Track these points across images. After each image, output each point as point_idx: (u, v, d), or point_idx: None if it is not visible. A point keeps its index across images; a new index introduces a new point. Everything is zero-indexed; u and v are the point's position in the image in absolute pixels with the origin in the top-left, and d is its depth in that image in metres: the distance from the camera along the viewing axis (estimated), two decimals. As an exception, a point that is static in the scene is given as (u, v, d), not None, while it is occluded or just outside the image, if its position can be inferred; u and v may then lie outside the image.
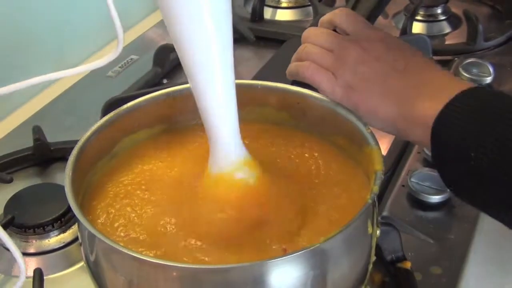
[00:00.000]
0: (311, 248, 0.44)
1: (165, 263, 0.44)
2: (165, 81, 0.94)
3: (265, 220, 0.51)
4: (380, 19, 1.08)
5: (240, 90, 0.53)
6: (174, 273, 0.45)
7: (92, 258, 0.50)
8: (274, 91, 0.62)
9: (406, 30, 0.98)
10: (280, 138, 0.61)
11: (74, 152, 0.54)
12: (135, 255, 0.45)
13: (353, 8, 0.69)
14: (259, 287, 0.44)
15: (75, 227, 0.67)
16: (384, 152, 0.77)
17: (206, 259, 0.48)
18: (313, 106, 0.59)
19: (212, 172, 0.53)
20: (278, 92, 0.62)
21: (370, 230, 0.50)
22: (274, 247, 0.49)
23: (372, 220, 0.50)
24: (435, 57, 0.93)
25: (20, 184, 0.73)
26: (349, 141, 0.57)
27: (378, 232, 0.53)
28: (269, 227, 0.51)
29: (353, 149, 0.57)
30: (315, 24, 0.99)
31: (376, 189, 0.49)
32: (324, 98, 0.58)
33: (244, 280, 0.44)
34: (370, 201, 0.48)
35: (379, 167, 0.51)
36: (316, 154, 0.59)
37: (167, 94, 0.61)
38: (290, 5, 1.10)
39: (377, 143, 0.53)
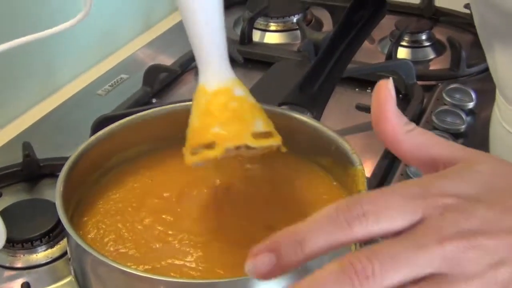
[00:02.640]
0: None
1: (152, 276, 0.45)
2: (154, 100, 0.95)
3: (252, 233, 0.53)
4: (366, 44, 1.10)
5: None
6: (161, 287, 0.46)
7: (80, 272, 0.51)
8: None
9: (391, 55, 1.00)
10: (265, 159, 0.63)
11: (65, 167, 0.55)
12: (123, 268, 0.46)
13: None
14: (245, 302, 0.45)
15: (63, 243, 0.68)
16: (368, 173, 0.78)
17: (194, 273, 0.49)
18: (299, 128, 0.61)
19: (207, 88, 0.53)
20: (266, 113, 0.63)
21: (352, 248, 0.51)
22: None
23: (355, 239, 0.51)
24: (419, 82, 0.95)
25: (8, 199, 0.74)
26: (334, 163, 0.59)
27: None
28: (256, 241, 0.52)
29: (338, 171, 0.59)
30: (304, 47, 1.02)
31: (359, 208, 0.50)
32: (310, 120, 0.60)
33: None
34: (353, 220, 0.49)
35: (362, 187, 0.53)
36: (301, 175, 0.61)
37: (157, 112, 0.63)
38: (278, 28, 1.12)
39: (361, 164, 0.55)
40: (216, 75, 0.54)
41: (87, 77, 1.02)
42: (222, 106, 0.52)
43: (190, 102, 0.62)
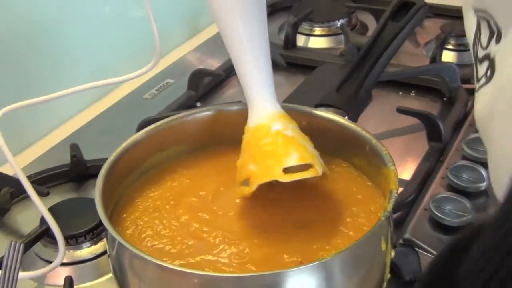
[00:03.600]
0: (323, 260, 0.46)
1: (186, 270, 0.47)
2: (198, 104, 0.97)
3: (285, 232, 0.54)
4: (412, 47, 1.10)
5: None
6: (195, 280, 0.47)
7: (118, 267, 0.53)
8: (299, 113, 0.64)
9: (435, 59, 0.99)
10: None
11: (106, 165, 0.57)
12: (158, 262, 0.47)
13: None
14: (273, 296, 0.46)
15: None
16: (408, 177, 0.78)
17: (226, 269, 0.51)
18: (334, 129, 0.62)
19: (250, 125, 0.58)
20: (302, 114, 0.64)
21: (383, 247, 0.51)
22: (289, 260, 0.51)
23: (386, 237, 0.52)
24: (464, 85, 0.94)
25: (56, 198, 0.76)
26: (368, 163, 0.60)
27: (392, 253, 0.55)
28: (287, 237, 0.53)
29: (371, 171, 0.59)
30: (347, 51, 1.02)
31: (389, 207, 0.51)
32: (345, 121, 0.60)
33: (259, 288, 0.46)
34: (383, 218, 0.50)
35: (394, 186, 0.53)
36: (336, 175, 0.61)
37: (195, 114, 0.64)
38: (323, 33, 1.13)
39: (393, 164, 0.55)
40: (255, 113, 0.58)
41: (135, 82, 1.05)
42: (257, 143, 0.57)
43: (229, 104, 0.64)
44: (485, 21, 0.45)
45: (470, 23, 0.48)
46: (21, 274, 0.60)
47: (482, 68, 0.45)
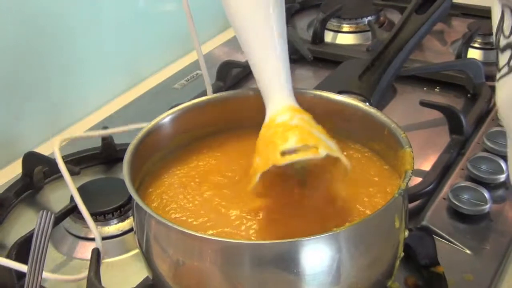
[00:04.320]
0: (338, 231, 0.48)
1: (207, 237, 0.50)
2: (226, 94, 1.00)
3: (303, 210, 0.56)
4: (439, 45, 1.11)
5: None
6: (216, 246, 0.49)
7: (143, 237, 0.55)
8: (320, 99, 0.66)
9: (461, 56, 1.00)
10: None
11: (134, 141, 0.60)
12: (179, 228, 0.50)
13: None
14: (288, 264, 0.48)
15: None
16: (428, 167, 0.80)
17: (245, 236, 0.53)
18: (354, 114, 0.64)
19: (264, 122, 0.58)
20: (323, 100, 0.66)
21: (397, 224, 0.53)
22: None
23: (400, 215, 0.54)
24: (488, 83, 0.95)
25: (87, 178, 0.80)
26: (386, 147, 0.61)
27: (406, 232, 0.56)
28: (307, 214, 0.56)
29: (389, 155, 0.61)
30: (373, 46, 1.03)
31: (403, 185, 0.53)
32: (365, 106, 0.62)
33: (275, 256, 0.48)
34: (397, 195, 0.51)
35: (409, 167, 0.55)
36: (355, 158, 0.63)
37: (221, 97, 0.67)
38: (351, 29, 1.15)
39: (410, 146, 0.57)
40: (268, 110, 0.59)
41: (167, 72, 1.09)
42: (262, 138, 0.57)
43: (252, 88, 0.67)
44: (508, 9, 0.45)
45: (495, 13, 0.49)
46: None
47: (504, 58, 0.46)
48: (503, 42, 0.46)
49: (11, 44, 0.86)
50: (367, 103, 0.65)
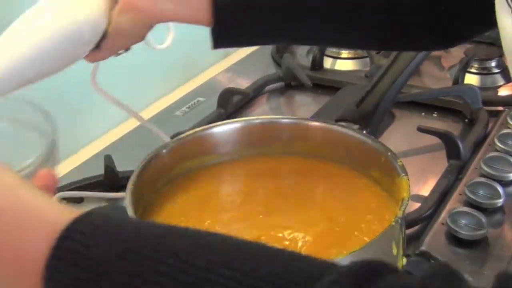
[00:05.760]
0: (336, 260, 0.49)
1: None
2: (227, 121, 1.01)
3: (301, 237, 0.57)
4: (436, 71, 1.13)
5: (291, 126, 0.60)
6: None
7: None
8: (319, 127, 0.68)
9: (458, 81, 1.02)
10: (321, 171, 0.67)
11: (136, 171, 0.61)
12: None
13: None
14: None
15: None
16: (427, 193, 0.81)
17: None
18: (352, 142, 0.65)
19: None
20: (322, 129, 0.68)
21: (394, 251, 0.54)
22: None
23: (398, 242, 0.55)
24: (486, 108, 0.97)
25: (89, 205, 0.81)
26: (383, 174, 0.63)
27: (404, 260, 0.57)
28: (305, 242, 0.57)
29: (386, 181, 0.62)
30: (371, 72, 1.05)
31: (400, 213, 0.54)
32: (361, 135, 0.64)
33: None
34: (393, 223, 0.53)
35: (406, 194, 0.56)
36: (354, 186, 0.65)
37: (220, 126, 0.69)
38: (349, 55, 1.16)
39: (406, 174, 0.58)
40: None
41: (168, 99, 1.10)
42: None
43: (251, 118, 0.68)
44: None
45: None
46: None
47: None
48: None
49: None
50: (365, 132, 0.67)
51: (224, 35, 0.60)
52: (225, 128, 0.68)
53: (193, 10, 0.59)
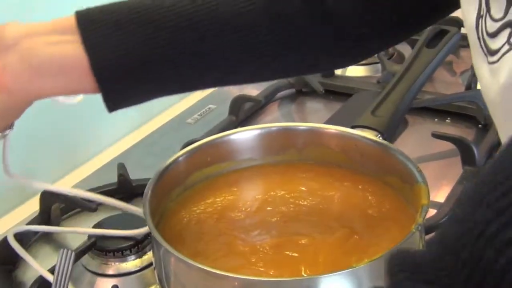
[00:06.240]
0: (356, 268, 0.49)
1: (227, 274, 0.50)
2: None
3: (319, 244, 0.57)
4: (448, 76, 1.12)
5: (308, 133, 0.59)
6: (236, 283, 0.50)
7: (163, 273, 0.56)
8: (336, 134, 0.68)
9: (471, 86, 1.01)
10: (337, 177, 0.67)
11: (153, 180, 0.61)
12: (199, 266, 0.51)
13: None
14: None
15: (150, 253, 0.74)
16: (442, 199, 0.80)
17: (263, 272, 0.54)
18: (369, 149, 0.64)
19: None
20: (340, 135, 0.67)
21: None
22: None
23: (418, 250, 0.54)
24: (499, 113, 0.96)
25: (104, 213, 0.80)
26: (401, 180, 0.62)
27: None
28: (324, 249, 0.56)
29: (404, 188, 0.62)
30: (383, 78, 1.05)
31: (420, 220, 0.53)
32: (379, 141, 0.63)
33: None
34: (414, 230, 0.52)
35: (425, 201, 0.55)
36: (370, 192, 0.64)
37: (234, 134, 0.68)
38: (361, 62, 1.16)
39: (425, 181, 0.58)
40: None
41: (179, 106, 1.10)
42: None
43: (267, 125, 0.68)
44: None
45: (466, 8, 0.48)
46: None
47: (500, 40, 0.44)
48: (493, 26, 0.44)
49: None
50: (381, 137, 0.66)
51: (116, 100, 0.57)
52: (242, 135, 0.68)
53: (73, 82, 0.53)
